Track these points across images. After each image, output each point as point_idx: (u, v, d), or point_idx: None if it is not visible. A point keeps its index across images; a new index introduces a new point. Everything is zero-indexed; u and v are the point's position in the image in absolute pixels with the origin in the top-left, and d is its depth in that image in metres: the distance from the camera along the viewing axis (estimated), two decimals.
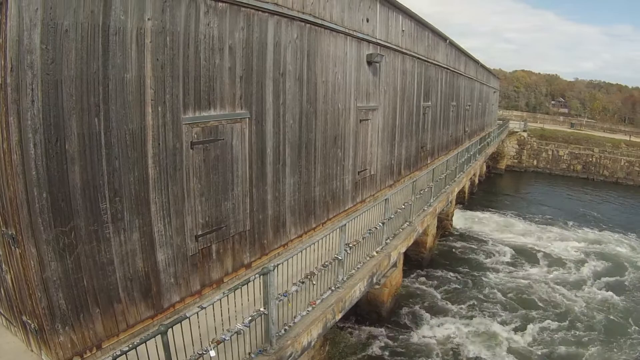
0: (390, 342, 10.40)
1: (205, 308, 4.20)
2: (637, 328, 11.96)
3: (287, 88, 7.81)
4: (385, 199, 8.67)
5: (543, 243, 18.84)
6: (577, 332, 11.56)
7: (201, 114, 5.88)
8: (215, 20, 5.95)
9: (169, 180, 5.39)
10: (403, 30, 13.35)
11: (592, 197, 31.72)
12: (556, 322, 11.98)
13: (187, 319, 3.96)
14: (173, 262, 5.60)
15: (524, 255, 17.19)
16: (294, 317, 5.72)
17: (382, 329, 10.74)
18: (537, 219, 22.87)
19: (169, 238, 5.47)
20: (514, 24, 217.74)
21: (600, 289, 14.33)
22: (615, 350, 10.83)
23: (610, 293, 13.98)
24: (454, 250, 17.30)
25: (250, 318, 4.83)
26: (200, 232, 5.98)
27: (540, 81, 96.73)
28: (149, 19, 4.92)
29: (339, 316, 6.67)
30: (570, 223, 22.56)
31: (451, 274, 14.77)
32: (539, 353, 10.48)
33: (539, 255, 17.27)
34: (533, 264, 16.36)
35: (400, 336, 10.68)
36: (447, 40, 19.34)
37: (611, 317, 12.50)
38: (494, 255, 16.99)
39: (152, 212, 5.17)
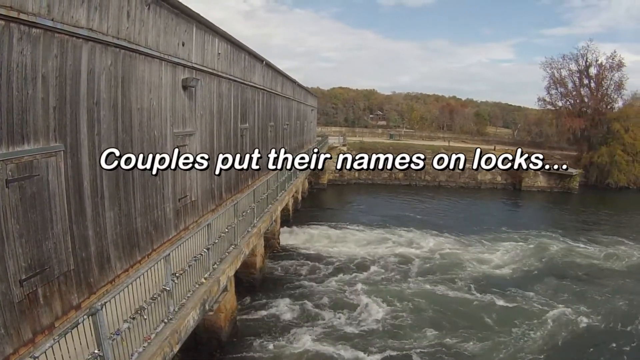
0: None
1: (37, 357, 4.57)
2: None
3: (101, 117, 8.67)
4: (208, 224, 10.26)
5: (365, 250, 23.64)
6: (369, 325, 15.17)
7: (15, 149, 6.42)
8: (28, 47, 6.53)
9: None
10: (219, 53, 15.33)
11: (414, 201, 39.75)
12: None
13: None
14: (1, 312, 6.02)
15: (348, 263, 21.41)
16: (132, 355, 6.38)
17: (224, 355, 12.32)
18: (361, 228, 28.01)
19: None
20: (332, 43, 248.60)
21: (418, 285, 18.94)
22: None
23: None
24: (283, 267, 20.47)
25: None
26: (24, 276, 6.51)
27: (358, 96, 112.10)
28: None
29: (176, 348, 7.74)
30: (384, 229, 28.12)
31: (283, 290, 17.53)
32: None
33: (361, 262, 21.68)
34: (355, 270, 20.49)
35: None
36: (264, 62, 22.34)
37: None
38: (319, 267, 20.70)
39: None
